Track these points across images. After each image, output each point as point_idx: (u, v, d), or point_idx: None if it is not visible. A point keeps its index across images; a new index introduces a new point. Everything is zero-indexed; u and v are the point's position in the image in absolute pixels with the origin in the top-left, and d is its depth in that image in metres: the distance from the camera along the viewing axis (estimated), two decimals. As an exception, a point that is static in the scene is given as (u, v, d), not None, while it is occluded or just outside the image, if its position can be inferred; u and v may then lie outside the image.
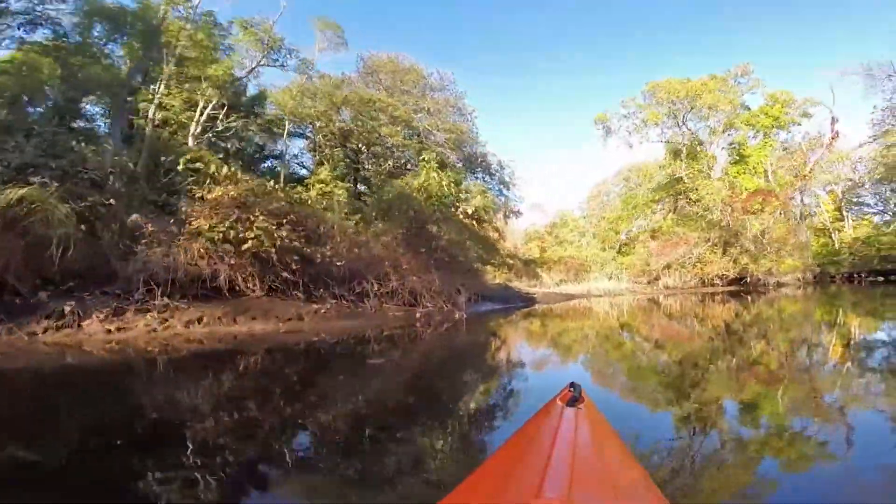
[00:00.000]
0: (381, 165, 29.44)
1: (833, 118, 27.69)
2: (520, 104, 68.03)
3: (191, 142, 23.44)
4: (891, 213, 34.16)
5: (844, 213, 37.70)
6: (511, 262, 33.44)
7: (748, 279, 24.56)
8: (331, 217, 10.06)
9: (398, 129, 27.60)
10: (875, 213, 38.71)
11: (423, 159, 12.71)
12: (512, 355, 7.46)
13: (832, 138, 27.75)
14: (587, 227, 37.49)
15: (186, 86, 22.77)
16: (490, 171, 33.25)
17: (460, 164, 32.41)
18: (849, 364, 5.70)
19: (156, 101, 22.83)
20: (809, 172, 28.02)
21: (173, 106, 23.20)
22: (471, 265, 14.03)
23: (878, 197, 38.30)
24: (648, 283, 24.85)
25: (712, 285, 24.52)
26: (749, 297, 21.71)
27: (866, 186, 33.05)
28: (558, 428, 1.59)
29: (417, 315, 9.96)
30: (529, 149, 68.87)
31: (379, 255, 10.06)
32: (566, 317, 13.54)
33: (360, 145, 29.43)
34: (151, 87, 22.89)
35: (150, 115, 23.10)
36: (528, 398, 4.40)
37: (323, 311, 9.25)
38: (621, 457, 1.72)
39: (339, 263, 9.36)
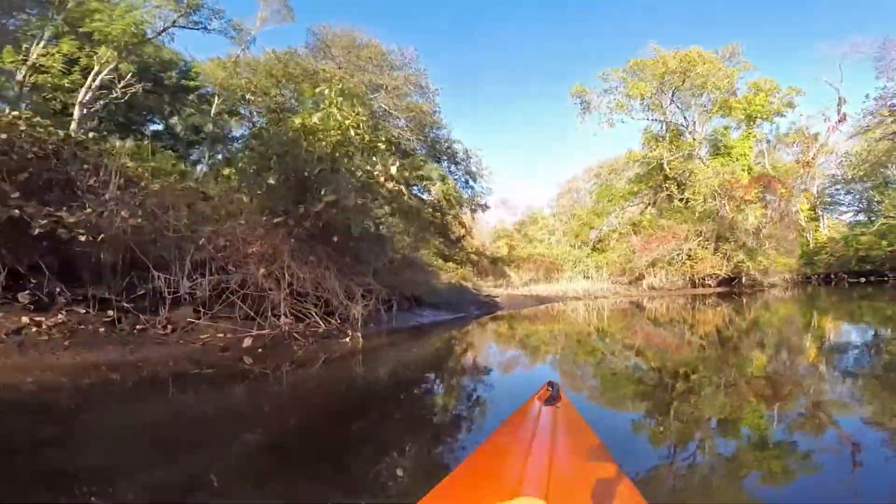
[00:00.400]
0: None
1: (840, 98, 23.71)
2: (484, 97, 62.53)
3: (77, 111, 17.84)
4: (873, 213, 30.52)
5: (819, 213, 34.12)
6: (476, 258, 28.74)
7: (742, 278, 20.26)
8: (111, 161, 4.89)
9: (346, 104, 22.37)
10: (853, 212, 35.40)
11: (319, 90, 7.65)
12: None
13: (839, 120, 23.79)
14: (557, 225, 33.12)
15: (70, 45, 17.35)
16: (456, 160, 28.29)
17: (423, 151, 27.44)
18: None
19: (30, 62, 17.26)
20: (812, 159, 24.00)
21: (52, 67, 17.60)
22: (408, 257, 9.04)
23: (852, 195, 34.90)
24: (630, 283, 20.30)
25: (703, 285, 20.18)
26: (743, 300, 17.43)
27: (855, 183, 29.20)
28: (536, 426, 1.55)
29: (247, 342, 4.84)
30: (498, 143, 63.50)
31: (198, 230, 4.97)
32: (534, 335, 8.64)
33: (307, 125, 24.08)
34: (25, 46, 17.36)
35: (21, 77, 17.41)
36: None
37: (43, 328, 4.12)
38: (598, 454, 1.62)
39: (82, 237, 4.22)
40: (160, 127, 24.60)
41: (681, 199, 23.35)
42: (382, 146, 7.72)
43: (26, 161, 4.78)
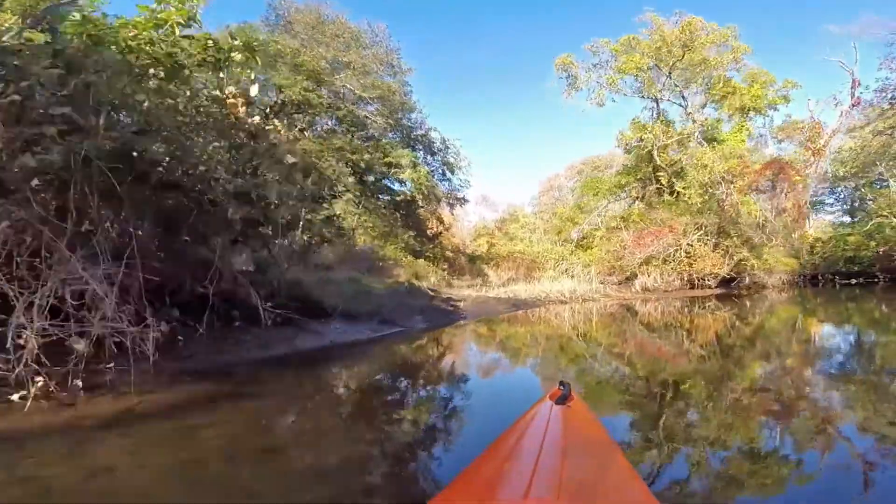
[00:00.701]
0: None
1: (854, 81, 20.63)
2: (465, 91, 58.24)
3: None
4: (862, 212, 27.71)
5: (805, 212, 31.36)
6: (452, 256, 25.43)
7: (745, 279, 17.08)
8: None
9: (301, 79, 18.81)
10: (838, 213, 32.76)
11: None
12: None
13: (853, 104, 20.75)
14: (538, 223, 30.07)
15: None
16: (432, 150, 24.77)
17: (396, 137, 23.94)
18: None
19: None
20: (823, 146, 20.90)
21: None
22: (306, 243, 5.52)
23: (836, 195, 32.25)
24: (620, 283, 17.04)
25: (703, 286, 16.97)
26: (747, 303, 14.36)
27: (847, 180, 26.31)
28: (547, 426, 1.45)
29: None
30: (478, 138, 59.19)
31: None
32: (492, 373, 5.23)
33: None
34: None
35: None
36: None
37: None
38: (611, 454, 1.51)
39: None
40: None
41: (671, 192, 20.20)
42: (238, 56, 4.30)
43: None
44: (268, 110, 20.50)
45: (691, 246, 16.36)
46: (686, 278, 16.66)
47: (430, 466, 2.22)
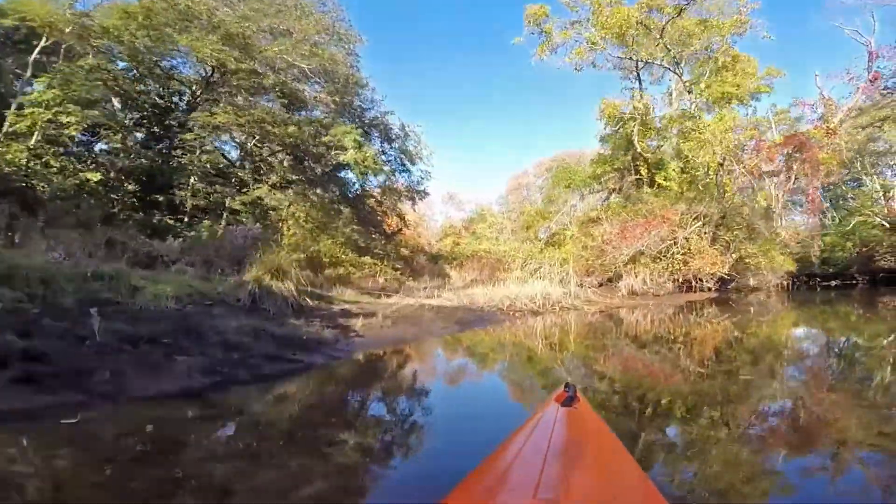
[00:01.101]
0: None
1: (871, 53, 17.41)
2: (430, 80, 53.66)
3: None
4: (844, 210, 25.04)
5: (778, 212, 28.68)
6: (410, 254, 21.39)
7: (750, 279, 13.56)
8: None
9: (215, 39, 14.23)
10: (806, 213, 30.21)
11: None
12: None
13: (871, 79, 17.56)
14: (506, 223, 26.76)
15: None
16: (389, 137, 20.53)
17: (346, 122, 19.60)
18: None
19: None
20: (838, 125, 17.61)
21: None
22: None
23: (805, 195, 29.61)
24: (601, 285, 13.28)
25: (700, 289, 13.40)
26: (751, 310, 10.92)
27: (834, 176, 23.47)
28: (553, 428, 1.39)
29: None
30: (444, 133, 54.35)
31: None
32: None
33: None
34: None
35: None
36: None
37: None
38: (617, 455, 1.42)
39: None
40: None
41: (651, 183, 16.70)
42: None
43: None
44: (194, 87, 15.95)
45: (688, 240, 12.70)
46: (681, 279, 12.99)
47: None
